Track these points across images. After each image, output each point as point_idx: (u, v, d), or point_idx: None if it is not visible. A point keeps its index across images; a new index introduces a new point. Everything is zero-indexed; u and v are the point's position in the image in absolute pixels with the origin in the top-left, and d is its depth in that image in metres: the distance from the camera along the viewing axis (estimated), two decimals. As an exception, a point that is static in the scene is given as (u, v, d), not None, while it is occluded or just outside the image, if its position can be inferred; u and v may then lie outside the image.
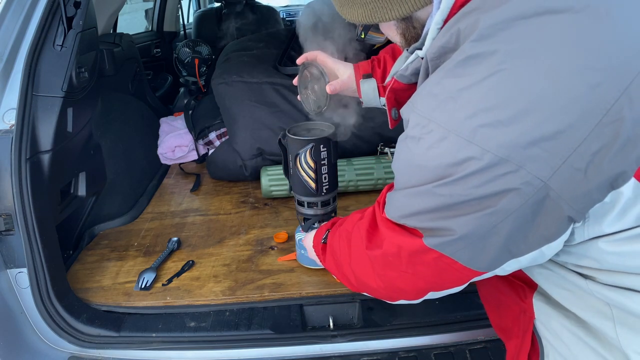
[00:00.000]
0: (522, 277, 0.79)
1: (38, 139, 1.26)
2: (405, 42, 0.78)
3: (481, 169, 0.56)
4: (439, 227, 0.64)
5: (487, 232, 0.60)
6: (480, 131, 0.55)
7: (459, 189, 0.59)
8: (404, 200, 0.68)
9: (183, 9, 3.81)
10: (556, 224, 0.58)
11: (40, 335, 1.19)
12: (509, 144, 0.54)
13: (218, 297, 1.28)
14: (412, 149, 0.64)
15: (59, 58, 1.30)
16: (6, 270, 1.17)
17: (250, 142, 1.87)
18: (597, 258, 0.62)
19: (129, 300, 1.29)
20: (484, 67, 0.56)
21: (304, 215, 1.30)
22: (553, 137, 0.53)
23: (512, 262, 0.64)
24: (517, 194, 0.56)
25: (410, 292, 0.77)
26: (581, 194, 0.55)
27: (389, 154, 1.78)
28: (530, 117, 0.53)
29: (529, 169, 0.54)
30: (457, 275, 0.68)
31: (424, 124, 0.61)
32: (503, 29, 0.55)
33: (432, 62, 0.65)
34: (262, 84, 1.93)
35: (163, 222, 1.70)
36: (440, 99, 0.60)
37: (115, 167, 1.79)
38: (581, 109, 0.52)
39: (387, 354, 1.15)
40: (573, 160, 0.53)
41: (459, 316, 1.19)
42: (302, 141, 1.19)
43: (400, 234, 0.70)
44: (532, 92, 0.53)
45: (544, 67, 0.53)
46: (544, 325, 0.76)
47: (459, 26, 0.60)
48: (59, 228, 1.32)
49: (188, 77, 3.02)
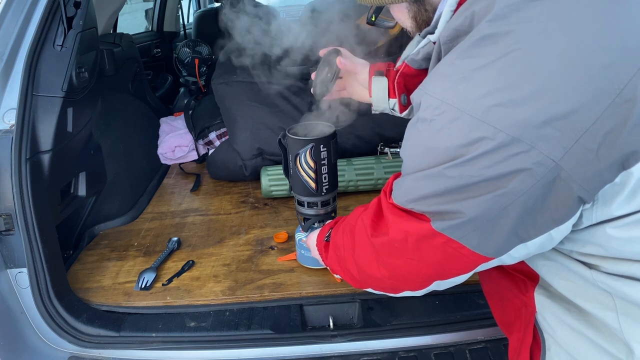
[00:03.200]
0: (524, 270, 0.78)
1: (38, 139, 1.26)
2: (416, 26, 0.78)
3: (493, 148, 0.56)
4: (447, 210, 0.63)
5: (497, 215, 0.60)
6: (493, 110, 0.55)
7: (470, 170, 0.59)
8: (413, 184, 0.67)
9: (183, 9, 3.81)
10: (566, 206, 0.58)
11: (40, 335, 1.19)
12: (522, 124, 0.54)
13: (218, 297, 1.28)
14: (422, 131, 0.63)
15: (59, 58, 1.30)
16: (6, 270, 1.17)
17: (250, 142, 1.87)
18: (603, 244, 0.63)
19: (129, 300, 1.29)
20: (499, 47, 0.56)
21: (304, 215, 1.30)
22: (566, 117, 0.53)
23: (520, 248, 0.64)
24: (529, 174, 0.56)
25: (415, 281, 0.76)
26: (592, 174, 0.56)
27: (389, 154, 1.78)
28: (543, 97, 0.54)
29: (541, 149, 0.54)
30: (464, 260, 0.67)
31: (436, 105, 0.61)
32: (518, 10, 0.56)
33: (444, 45, 0.65)
34: (262, 84, 1.93)
35: (163, 222, 1.70)
36: (453, 80, 0.60)
37: (115, 167, 1.79)
38: (594, 88, 0.53)
39: (387, 354, 1.15)
40: (585, 140, 0.54)
41: (459, 316, 1.19)
42: (302, 141, 1.19)
43: (406, 219, 0.70)
44: (545, 72, 0.54)
45: (558, 47, 0.54)
46: (544, 318, 0.76)
47: (473, 9, 0.60)
48: (59, 228, 1.32)
49: (188, 77, 3.02)
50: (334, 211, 1.31)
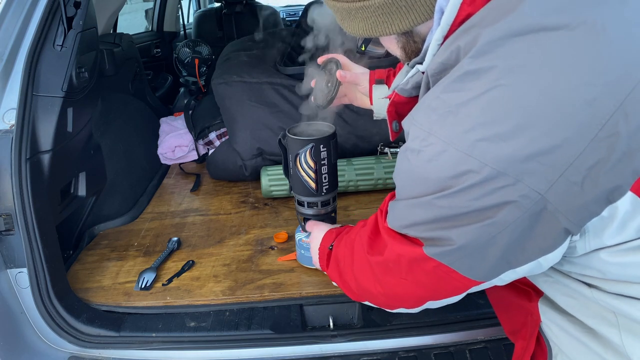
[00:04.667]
0: (527, 283, 0.80)
1: (38, 139, 1.26)
2: (405, 56, 0.79)
3: (480, 181, 0.57)
4: (438, 237, 0.65)
5: (486, 243, 0.61)
6: (478, 145, 0.56)
7: (459, 201, 0.60)
8: (405, 211, 0.69)
9: (183, 9, 3.81)
10: (553, 236, 0.59)
11: (40, 335, 1.19)
12: (507, 158, 0.55)
13: (218, 297, 1.28)
14: (411, 160, 0.65)
15: (59, 58, 1.30)
16: (6, 270, 1.17)
17: (250, 142, 1.87)
18: (601, 269, 0.63)
19: (129, 300, 1.29)
20: (482, 83, 0.57)
21: (304, 215, 1.30)
22: (550, 152, 0.54)
23: (509, 273, 0.65)
24: (515, 206, 0.57)
25: (409, 300, 0.78)
26: (578, 207, 0.56)
27: (389, 154, 1.78)
28: (527, 132, 0.54)
29: (527, 182, 0.55)
30: (455, 284, 0.69)
31: (423, 137, 0.62)
32: (500, 46, 0.56)
33: (432, 77, 0.66)
34: (262, 84, 1.93)
35: (163, 222, 1.70)
36: (439, 113, 0.60)
37: (115, 167, 1.79)
38: (577, 124, 0.53)
39: (387, 354, 1.15)
40: (569, 173, 0.54)
41: (459, 316, 1.19)
42: (302, 141, 1.19)
43: (401, 242, 0.72)
44: (529, 107, 0.54)
45: (540, 83, 0.54)
46: (549, 328, 0.77)
47: (458, 43, 0.60)
48: (59, 228, 1.32)
49: (188, 77, 3.02)
50: (334, 211, 1.31)
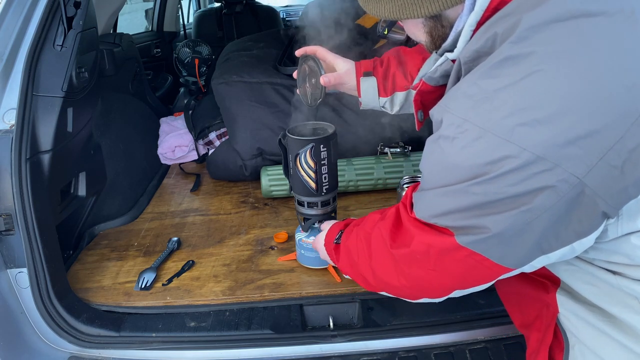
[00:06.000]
0: (544, 274, 0.79)
1: (38, 139, 1.26)
2: (431, 41, 0.78)
3: (517, 167, 0.57)
4: (473, 225, 0.64)
5: (521, 229, 0.61)
6: (517, 130, 0.57)
7: (494, 187, 0.60)
8: (436, 200, 0.68)
9: (183, 9, 3.81)
10: (590, 220, 0.59)
11: (40, 335, 1.19)
12: (546, 143, 0.55)
13: (218, 297, 1.28)
14: (445, 148, 0.64)
15: (59, 58, 1.30)
16: (6, 270, 1.17)
17: (250, 142, 1.87)
18: (629, 254, 0.64)
19: (129, 300, 1.29)
20: (521, 68, 0.57)
21: (304, 215, 1.30)
22: (589, 136, 0.54)
23: (541, 259, 0.65)
24: (553, 191, 0.57)
25: (435, 290, 0.78)
26: (617, 190, 0.57)
27: (389, 154, 1.78)
28: (566, 117, 0.55)
29: (565, 167, 0.56)
30: (486, 272, 0.68)
31: (458, 124, 0.62)
32: (540, 31, 0.57)
33: (465, 65, 0.65)
34: (262, 84, 1.93)
35: (163, 222, 1.70)
36: (475, 100, 0.60)
37: (115, 167, 1.79)
38: (617, 109, 0.54)
39: (387, 354, 1.15)
40: (609, 157, 0.55)
41: (459, 316, 1.19)
42: (302, 141, 1.19)
43: (429, 232, 0.71)
44: (568, 93, 0.55)
45: (580, 69, 0.55)
46: (567, 319, 0.76)
47: (495, 30, 0.61)
48: (59, 228, 1.32)
49: (188, 77, 3.02)
50: (334, 211, 1.31)
